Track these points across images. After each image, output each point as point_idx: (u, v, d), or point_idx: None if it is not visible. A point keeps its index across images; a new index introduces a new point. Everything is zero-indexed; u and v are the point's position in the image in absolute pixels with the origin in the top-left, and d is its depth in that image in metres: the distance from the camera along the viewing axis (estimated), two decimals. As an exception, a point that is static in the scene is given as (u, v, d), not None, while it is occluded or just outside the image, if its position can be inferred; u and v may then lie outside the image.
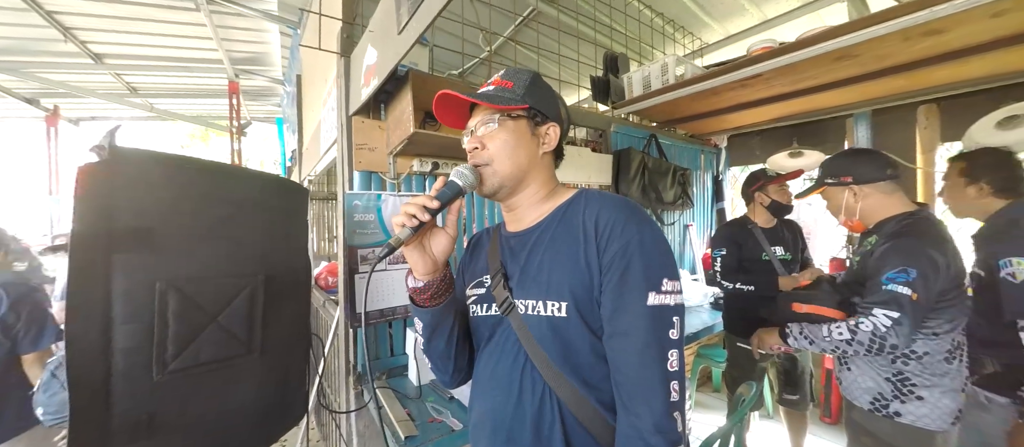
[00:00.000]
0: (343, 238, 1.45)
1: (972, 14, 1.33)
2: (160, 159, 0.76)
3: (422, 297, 0.70)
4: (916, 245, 1.10)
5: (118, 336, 0.67)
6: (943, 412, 1.11)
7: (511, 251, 0.73)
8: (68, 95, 4.71)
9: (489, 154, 0.68)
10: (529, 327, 0.65)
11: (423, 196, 0.64)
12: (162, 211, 0.74)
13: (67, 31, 3.41)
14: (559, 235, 0.66)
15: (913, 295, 1.05)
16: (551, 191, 0.73)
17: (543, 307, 0.63)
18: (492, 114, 0.68)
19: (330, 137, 1.85)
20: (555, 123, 0.72)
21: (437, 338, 0.74)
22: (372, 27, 1.26)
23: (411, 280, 0.70)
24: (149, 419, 0.70)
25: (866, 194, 1.26)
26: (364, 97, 1.35)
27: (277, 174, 1.63)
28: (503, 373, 0.67)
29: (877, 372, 1.19)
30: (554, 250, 0.65)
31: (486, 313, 0.72)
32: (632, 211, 0.63)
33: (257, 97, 5.48)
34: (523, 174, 0.69)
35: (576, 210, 0.67)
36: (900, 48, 1.61)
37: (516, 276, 0.69)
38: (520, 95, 0.69)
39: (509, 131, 0.68)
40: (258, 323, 0.84)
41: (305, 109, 3.12)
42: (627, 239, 0.59)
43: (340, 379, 1.55)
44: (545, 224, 0.70)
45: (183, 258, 0.76)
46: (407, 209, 0.62)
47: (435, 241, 0.68)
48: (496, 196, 0.70)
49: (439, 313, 0.71)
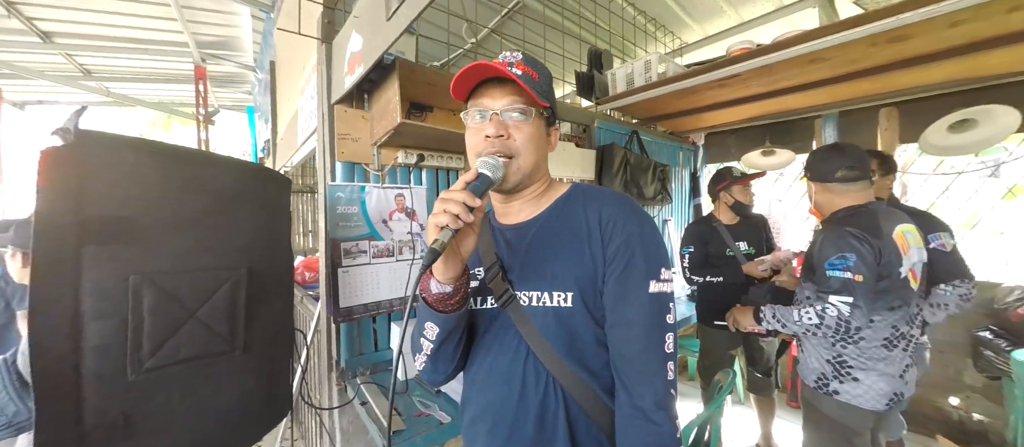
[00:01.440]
0: (325, 231, 1.41)
1: (933, 23, 1.42)
2: (133, 144, 0.71)
3: (449, 304, 0.63)
4: (846, 234, 1.21)
5: (88, 334, 0.63)
6: (878, 394, 1.23)
7: (507, 244, 0.72)
8: (12, 76, 4.32)
9: (517, 146, 0.65)
10: (533, 319, 0.65)
11: (462, 193, 0.56)
12: (136, 200, 0.70)
13: (11, 6, 3.13)
14: (560, 229, 0.67)
15: (858, 277, 1.16)
16: (548, 186, 0.74)
17: (549, 298, 0.64)
18: (525, 104, 0.65)
19: (309, 127, 1.79)
20: (557, 124, 0.75)
21: (449, 342, 0.69)
22: (357, 13, 1.22)
23: (435, 286, 0.62)
24: (125, 420, 0.66)
25: (817, 190, 1.40)
26: (348, 85, 1.31)
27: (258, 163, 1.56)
28: (502, 367, 0.67)
29: (821, 355, 1.33)
30: (557, 243, 0.66)
31: (481, 307, 0.71)
32: (632, 207, 0.66)
33: (226, 84, 5.20)
34: (536, 170, 0.70)
35: (575, 205, 0.68)
36: (867, 53, 1.70)
37: (516, 269, 0.69)
38: (545, 92, 0.68)
39: (536, 126, 0.67)
40: (241, 318, 0.81)
41: (280, 97, 2.99)
42: (629, 233, 0.62)
43: (323, 375, 1.52)
44: (544, 218, 0.70)
45: (159, 250, 0.72)
46: (449, 208, 0.55)
47: (465, 241, 0.61)
48: (515, 189, 0.70)
49: (460, 317, 0.66)
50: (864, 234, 1.20)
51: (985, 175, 2.56)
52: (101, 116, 7.56)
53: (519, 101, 0.65)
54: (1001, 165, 2.50)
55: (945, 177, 2.68)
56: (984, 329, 2.29)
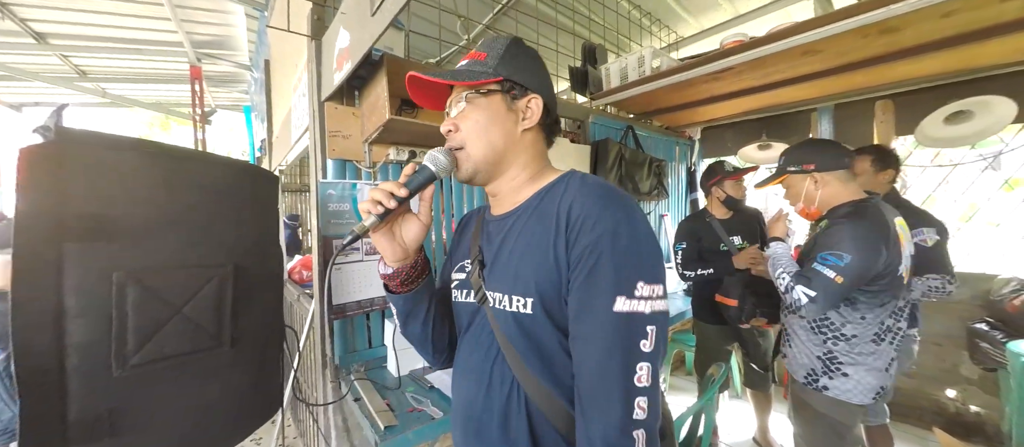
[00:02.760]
0: (317, 228, 1.41)
1: (924, 13, 1.41)
2: (115, 142, 0.71)
3: (393, 283, 0.68)
4: (859, 230, 1.18)
5: (72, 331, 0.63)
6: (865, 388, 1.23)
7: (488, 237, 0.69)
8: (8, 78, 4.32)
9: (462, 136, 0.63)
10: (497, 320, 0.62)
11: (392, 183, 0.61)
12: (119, 197, 0.70)
13: (4, 7, 3.12)
14: (532, 224, 0.61)
15: (838, 278, 1.15)
16: (536, 173, 0.67)
17: (508, 301, 0.59)
18: (462, 92, 0.64)
19: (302, 124, 1.79)
20: (536, 94, 0.64)
21: (412, 322, 0.73)
22: (344, 9, 1.21)
23: (382, 266, 0.68)
24: (110, 417, 0.66)
25: (826, 181, 1.32)
26: (337, 82, 1.31)
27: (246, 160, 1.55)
28: (476, 364, 0.65)
29: (811, 351, 1.32)
30: (525, 241, 0.60)
31: (465, 300, 0.69)
32: (610, 199, 0.55)
33: (222, 83, 5.20)
34: (499, 156, 0.64)
35: (554, 196, 0.61)
36: (859, 45, 1.70)
37: (490, 265, 0.65)
38: (492, 67, 0.62)
39: (480, 109, 0.62)
40: (228, 314, 0.81)
41: (274, 96, 2.99)
42: (599, 232, 0.52)
43: (317, 372, 1.52)
44: (521, 210, 0.64)
45: (143, 247, 0.72)
46: (374, 195, 0.59)
47: (407, 228, 0.65)
48: (473, 181, 0.65)
49: (411, 299, 0.70)
50: (880, 233, 1.18)
51: (982, 167, 2.55)
52: (98, 117, 7.56)
53: (462, 90, 0.64)
54: (1000, 155, 2.49)
55: (942, 169, 2.68)
56: (980, 321, 2.29)
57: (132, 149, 0.73)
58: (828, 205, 1.34)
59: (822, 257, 1.20)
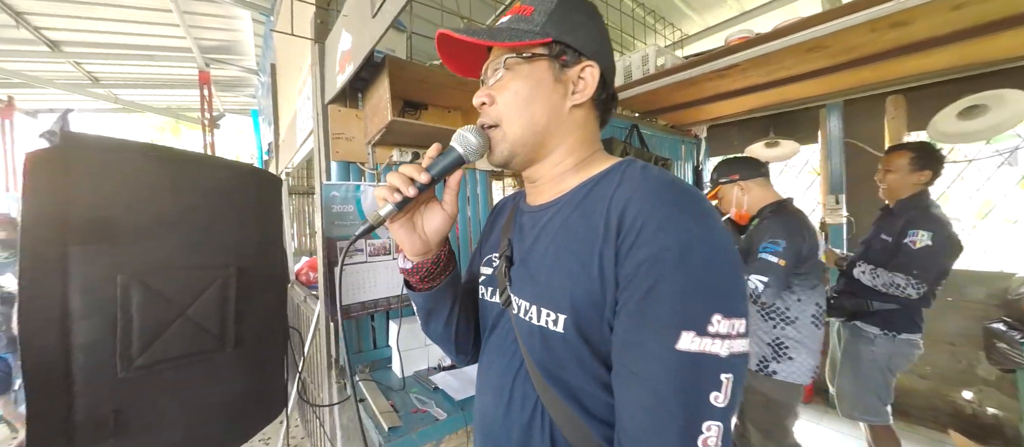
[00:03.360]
0: (322, 230, 1.42)
1: (934, 6, 1.38)
2: (119, 145, 0.72)
3: (413, 279, 0.60)
4: (786, 222, 1.41)
5: (78, 332, 0.64)
6: (807, 369, 1.43)
7: (520, 230, 0.59)
8: (24, 85, 4.43)
9: (497, 111, 0.52)
10: (520, 332, 0.53)
11: (413, 166, 0.52)
12: (123, 201, 0.71)
13: (19, 17, 3.20)
14: (574, 222, 0.49)
15: (781, 262, 1.34)
16: (584, 159, 0.54)
17: (536, 314, 0.50)
18: (506, 54, 0.52)
19: (307, 127, 1.80)
20: (592, 62, 0.52)
21: (434, 320, 0.65)
22: (346, 11, 1.22)
23: (401, 259, 0.60)
24: (115, 416, 0.67)
25: (750, 188, 1.59)
26: (339, 84, 1.31)
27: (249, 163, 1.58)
28: (497, 374, 0.57)
29: (761, 338, 1.48)
30: (562, 241, 0.49)
31: (491, 299, 0.61)
32: (681, 200, 0.42)
33: (230, 88, 5.28)
34: (541, 137, 0.52)
35: (604, 189, 0.48)
36: (868, 39, 1.66)
37: (518, 263, 0.56)
38: (540, 25, 0.50)
39: (521, 78, 0.51)
40: (231, 316, 0.82)
41: (281, 99, 3.02)
42: (663, 244, 0.39)
43: (322, 373, 1.53)
44: (562, 203, 0.53)
45: (147, 250, 0.73)
46: (392, 180, 0.51)
47: (429, 219, 0.56)
48: (509, 166, 0.54)
49: (432, 297, 0.61)
50: (801, 223, 1.42)
51: (998, 163, 2.49)
52: (110, 122, 7.72)
53: (501, 54, 0.52)
54: (1016, 151, 2.43)
55: (957, 165, 2.62)
56: (997, 321, 2.23)
57: (136, 152, 0.74)
58: (756, 207, 1.58)
59: (763, 247, 1.38)
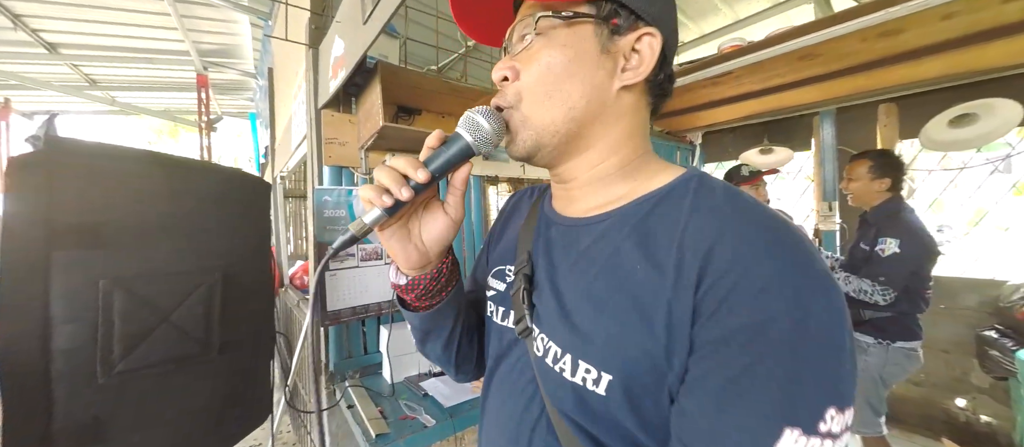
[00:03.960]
0: (313, 235, 1.42)
1: (924, 16, 1.39)
2: (105, 151, 0.72)
3: (408, 297, 0.49)
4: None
5: (58, 337, 0.64)
6: None
7: (548, 244, 0.46)
8: (20, 87, 4.42)
9: (519, 87, 0.40)
10: (544, 382, 0.41)
11: (408, 158, 0.39)
12: (107, 206, 0.71)
13: (16, 18, 3.21)
14: (629, 253, 0.37)
15: None
16: (631, 161, 0.42)
17: (570, 366, 0.38)
18: (534, 14, 0.39)
19: (301, 132, 1.81)
20: (653, 29, 0.39)
21: (432, 341, 0.54)
22: (339, 18, 1.23)
23: (393, 273, 0.49)
24: (95, 422, 0.66)
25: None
26: (333, 89, 1.32)
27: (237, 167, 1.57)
28: (510, 416, 0.45)
29: None
30: (614, 279, 0.37)
31: (502, 322, 0.50)
32: (790, 254, 0.31)
33: (228, 91, 5.28)
34: (575, 126, 0.39)
35: (671, 213, 0.36)
36: (859, 48, 1.68)
37: (545, 291, 0.43)
38: None
39: (558, 46, 0.38)
40: (216, 322, 0.82)
41: (277, 103, 3.03)
42: (769, 313, 0.29)
43: (311, 379, 1.52)
44: (610, 222, 0.40)
45: (131, 255, 0.72)
46: (380, 179, 0.39)
47: (428, 225, 0.45)
48: (533, 160, 0.42)
49: (430, 318, 0.51)
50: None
51: (990, 170, 2.50)
52: (108, 125, 7.72)
53: (533, 11, 0.39)
54: (1009, 158, 2.45)
55: (950, 172, 2.64)
56: (990, 328, 2.24)
57: (122, 158, 0.74)
58: None
59: None
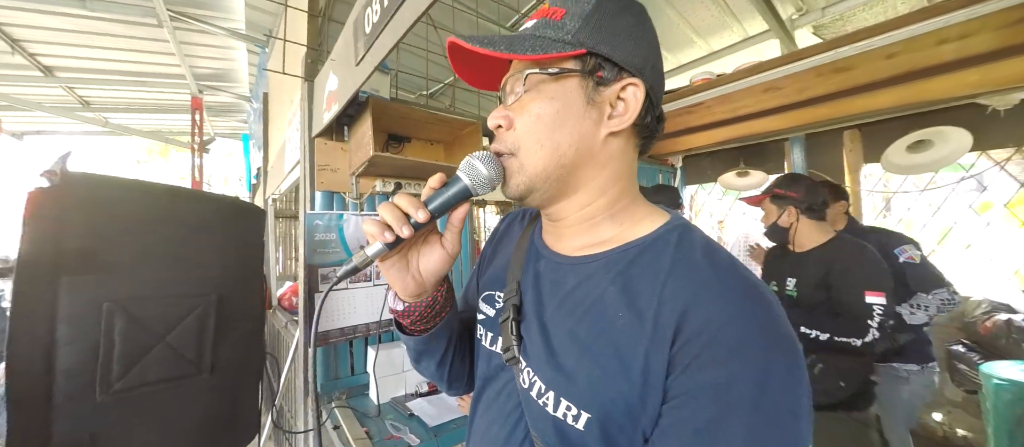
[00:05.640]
0: (304, 257, 1.47)
1: (870, 55, 1.53)
2: (111, 183, 0.78)
3: (405, 322, 0.53)
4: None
5: (61, 357, 0.68)
6: None
7: (536, 277, 0.50)
8: (10, 108, 4.44)
9: (515, 137, 0.44)
10: (528, 413, 0.45)
11: (410, 198, 0.44)
12: (111, 233, 0.76)
13: (15, 43, 3.27)
14: (613, 301, 0.40)
15: None
16: (619, 204, 0.46)
17: (553, 403, 0.41)
18: (527, 67, 0.43)
19: (294, 157, 1.87)
20: (636, 78, 0.42)
21: (426, 360, 0.59)
22: (334, 56, 1.32)
23: (391, 298, 0.53)
24: (91, 440, 0.70)
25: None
26: (326, 120, 1.40)
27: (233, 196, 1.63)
28: (495, 438, 0.49)
29: None
30: (598, 324, 0.41)
31: (490, 347, 0.53)
32: (760, 320, 0.35)
33: (222, 113, 5.36)
34: (565, 171, 0.43)
35: (653, 264, 0.40)
36: (816, 82, 1.83)
37: (532, 324, 0.46)
38: (572, 32, 0.41)
39: (546, 98, 0.42)
40: (209, 343, 0.86)
41: (271, 127, 3.11)
42: (735, 374, 0.33)
43: (298, 400, 1.54)
44: (596, 266, 0.44)
45: (132, 279, 0.77)
46: (385, 215, 0.43)
47: (426, 258, 0.48)
48: (527, 202, 0.46)
49: (425, 341, 0.55)
50: None
51: (957, 188, 2.65)
52: (98, 144, 7.69)
53: (523, 67, 0.43)
54: (973, 175, 2.59)
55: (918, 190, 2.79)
56: (957, 343, 2.34)
57: (127, 189, 0.80)
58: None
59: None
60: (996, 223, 2.68)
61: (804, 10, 2.65)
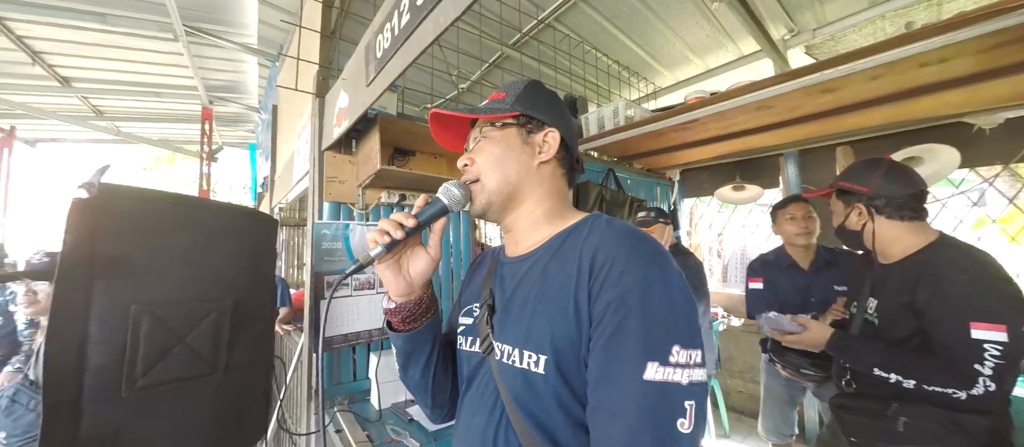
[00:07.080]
0: (311, 265, 1.53)
1: (854, 77, 1.61)
2: (139, 194, 0.85)
3: (395, 320, 0.66)
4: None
5: (91, 355, 0.74)
6: (710, 364, 1.89)
7: (501, 281, 0.64)
8: (26, 116, 4.57)
9: (477, 168, 0.63)
10: (503, 378, 0.56)
11: (402, 213, 0.61)
12: (139, 241, 0.83)
13: (36, 55, 3.40)
14: (552, 269, 0.56)
15: None
16: (553, 210, 0.64)
17: (519, 356, 0.53)
18: (481, 127, 0.65)
19: (303, 168, 1.95)
20: (553, 128, 0.64)
21: (412, 365, 0.69)
22: (345, 75, 1.40)
23: (385, 300, 0.66)
24: (115, 434, 0.75)
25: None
26: (336, 135, 1.47)
27: (248, 205, 1.69)
28: (478, 429, 0.58)
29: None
30: (542, 288, 0.55)
31: (470, 348, 0.65)
32: (641, 247, 0.50)
33: (230, 123, 5.48)
34: (513, 189, 0.62)
35: (576, 239, 0.56)
36: (805, 101, 1.90)
37: (500, 312, 0.61)
38: (510, 103, 0.64)
39: (495, 141, 0.63)
40: (224, 344, 0.92)
41: (280, 138, 3.20)
42: (627, 285, 0.46)
43: (302, 403, 1.59)
44: (540, 253, 0.60)
45: (156, 283, 0.83)
46: (383, 225, 0.59)
47: (414, 262, 0.64)
48: (487, 215, 0.64)
49: (412, 339, 0.67)
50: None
51: (956, 202, 2.69)
52: (107, 152, 7.84)
53: (480, 125, 0.66)
54: (970, 188, 2.64)
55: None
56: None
57: (151, 198, 0.87)
58: None
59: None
60: (987, 238, 2.72)
61: (795, 31, 2.74)
